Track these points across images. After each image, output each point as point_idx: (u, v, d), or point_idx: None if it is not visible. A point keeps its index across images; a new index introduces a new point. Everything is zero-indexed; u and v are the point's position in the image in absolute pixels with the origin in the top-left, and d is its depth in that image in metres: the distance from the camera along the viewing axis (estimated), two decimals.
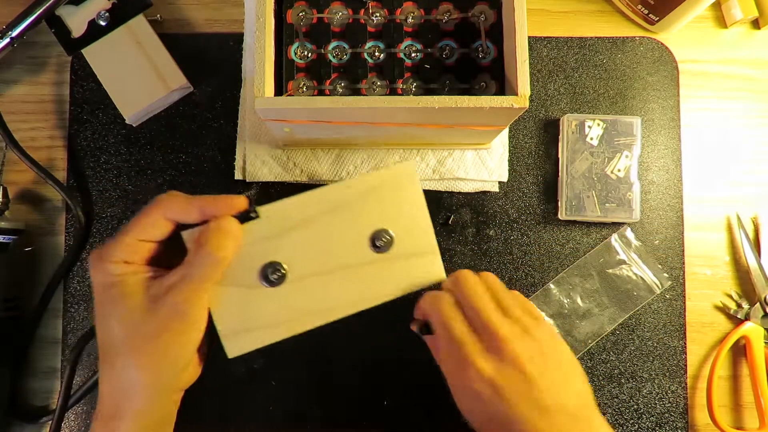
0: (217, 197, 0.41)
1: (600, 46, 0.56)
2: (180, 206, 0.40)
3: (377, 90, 0.45)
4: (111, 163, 0.54)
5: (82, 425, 0.51)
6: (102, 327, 0.40)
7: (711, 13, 0.57)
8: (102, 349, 0.40)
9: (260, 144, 0.53)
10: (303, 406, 0.52)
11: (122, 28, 0.51)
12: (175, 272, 0.39)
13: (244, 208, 0.41)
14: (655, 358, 0.53)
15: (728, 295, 0.55)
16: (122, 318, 0.38)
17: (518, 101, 0.40)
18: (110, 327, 0.39)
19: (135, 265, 0.40)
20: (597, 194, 0.53)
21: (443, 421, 0.52)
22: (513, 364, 0.38)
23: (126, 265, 0.39)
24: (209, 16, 0.56)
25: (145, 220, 0.40)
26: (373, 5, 0.45)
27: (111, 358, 0.39)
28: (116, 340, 0.39)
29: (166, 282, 0.39)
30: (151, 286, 0.39)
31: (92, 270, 0.40)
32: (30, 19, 0.50)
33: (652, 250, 0.54)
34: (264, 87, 0.40)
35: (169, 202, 0.40)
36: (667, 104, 0.55)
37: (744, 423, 0.54)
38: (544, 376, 0.39)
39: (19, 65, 0.54)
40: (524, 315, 0.40)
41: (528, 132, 0.55)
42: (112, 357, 0.39)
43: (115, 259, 0.39)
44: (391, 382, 0.52)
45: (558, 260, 0.54)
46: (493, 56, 0.45)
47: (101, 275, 0.39)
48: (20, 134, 0.52)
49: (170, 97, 0.53)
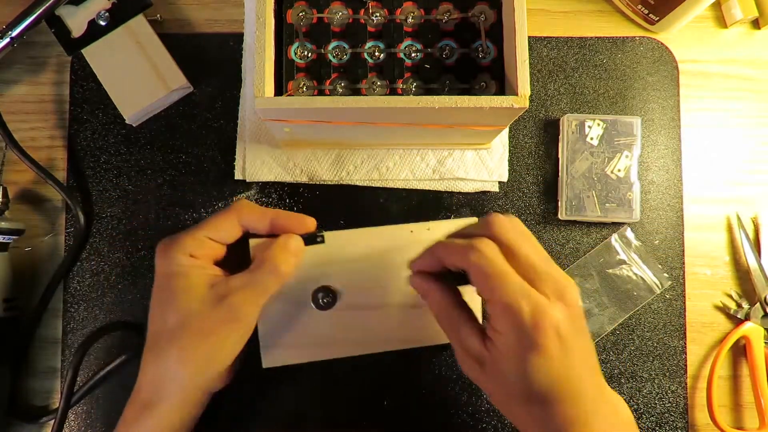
0: (291, 214, 0.43)
1: (600, 46, 0.56)
2: (255, 215, 0.42)
3: (377, 90, 0.45)
4: (111, 163, 0.54)
5: (82, 425, 0.51)
6: (156, 314, 0.41)
7: (711, 13, 0.57)
8: (151, 337, 0.41)
9: (260, 144, 0.53)
10: (303, 406, 0.52)
11: (122, 28, 0.51)
12: (238, 276, 0.40)
13: (312, 229, 0.43)
14: (655, 358, 0.53)
15: (728, 295, 0.55)
16: (180, 309, 0.39)
17: (518, 101, 0.40)
18: (165, 316, 0.39)
19: (201, 260, 0.41)
20: (597, 194, 0.53)
21: (443, 421, 0.52)
22: (577, 314, 0.36)
23: (193, 259, 0.40)
24: (209, 16, 0.56)
25: (220, 222, 0.41)
26: (373, 5, 0.45)
27: (158, 347, 0.40)
28: (168, 331, 0.39)
29: (230, 284, 0.40)
30: (214, 284, 0.40)
31: (159, 257, 0.41)
32: (30, 19, 0.50)
33: (652, 250, 0.54)
34: (264, 87, 0.40)
35: (245, 209, 0.42)
36: (667, 104, 0.55)
37: (744, 423, 0.54)
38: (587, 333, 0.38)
39: (19, 65, 0.54)
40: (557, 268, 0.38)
41: (528, 132, 0.55)
42: (159, 346, 0.40)
43: (184, 251, 0.40)
44: (391, 382, 0.52)
45: (558, 260, 0.54)
46: (493, 56, 0.45)
47: (167, 263, 0.40)
48: (20, 134, 0.52)
49: (170, 97, 0.53)
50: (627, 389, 0.53)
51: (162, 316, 0.40)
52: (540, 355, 0.35)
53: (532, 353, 0.35)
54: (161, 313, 0.40)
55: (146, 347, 0.41)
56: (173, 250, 0.40)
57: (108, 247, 0.53)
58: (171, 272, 0.40)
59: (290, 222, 0.42)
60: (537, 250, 0.38)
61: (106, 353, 0.52)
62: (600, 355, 0.53)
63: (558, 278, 0.36)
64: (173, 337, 0.39)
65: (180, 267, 0.40)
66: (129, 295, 0.52)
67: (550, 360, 0.35)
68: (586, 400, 0.36)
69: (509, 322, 0.35)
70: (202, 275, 0.40)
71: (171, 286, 0.39)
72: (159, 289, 0.41)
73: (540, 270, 0.36)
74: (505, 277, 0.35)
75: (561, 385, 0.35)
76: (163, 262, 0.40)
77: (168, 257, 0.40)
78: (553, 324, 0.35)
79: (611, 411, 0.38)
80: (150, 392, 0.40)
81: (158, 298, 0.41)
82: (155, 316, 0.41)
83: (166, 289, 0.40)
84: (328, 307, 0.46)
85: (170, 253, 0.40)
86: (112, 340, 0.52)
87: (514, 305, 0.35)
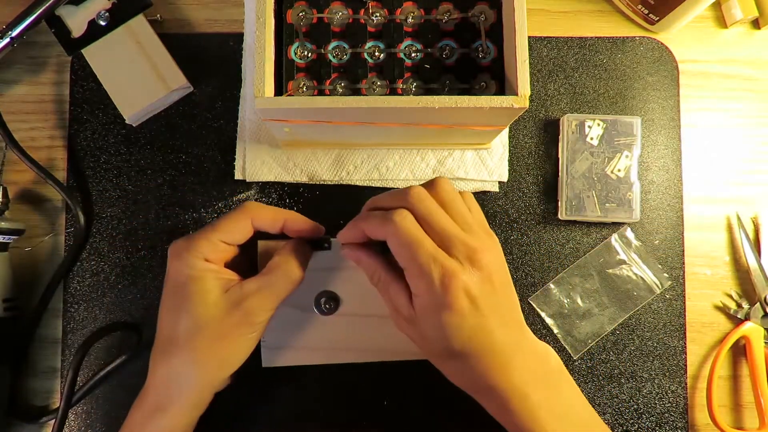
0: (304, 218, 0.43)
1: (600, 46, 0.56)
2: (269, 216, 0.42)
3: (377, 90, 0.45)
4: (111, 163, 0.54)
5: (82, 425, 0.51)
6: (168, 318, 0.40)
7: (711, 13, 0.57)
8: (161, 339, 0.41)
9: (260, 144, 0.53)
10: (303, 405, 0.52)
11: (122, 28, 0.51)
12: (252, 281, 0.40)
13: (321, 234, 0.44)
14: (655, 358, 0.53)
15: (728, 295, 0.55)
16: (194, 313, 0.39)
17: (518, 101, 0.40)
18: (178, 319, 0.39)
19: (215, 264, 0.41)
20: (597, 194, 0.53)
21: (443, 421, 0.52)
22: (488, 275, 0.38)
23: (207, 263, 0.40)
24: (209, 16, 0.56)
25: (233, 223, 0.41)
26: (373, 5, 0.45)
27: (170, 351, 0.40)
28: (181, 334, 0.39)
29: (245, 289, 0.40)
30: (228, 289, 0.40)
31: (172, 260, 0.41)
32: (30, 19, 0.50)
33: (652, 250, 0.54)
34: (264, 87, 0.40)
35: (258, 210, 0.42)
36: (667, 104, 0.55)
37: (744, 423, 0.54)
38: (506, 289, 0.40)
39: (19, 65, 0.54)
40: (480, 230, 0.40)
41: (528, 132, 0.55)
42: (171, 350, 0.40)
43: (199, 254, 0.40)
44: (391, 382, 0.52)
45: (558, 260, 0.54)
46: (493, 56, 0.45)
47: (181, 267, 0.40)
48: (20, 134, 0.52)
49: (170, 97, 0.53)
50: (627, 389, 0.53)
51: (175, 320, 0.40)
52: (452, 314, 0.37)
53: (445, 313, 0.37)
54: (174, 316, 0.40)
55: (156, 350, 0.41)
56: (187, 253, 0.40)
57: (108, 247, 0.53)
58: (185, 276, 0.39)
59: (303, 226, 0.43)
60: (458, 213, 0.39)
61: (106, 353, 0.52)
62: (600, 355, 0.53)
63: (469, 242, 0.38)
64: (187, 341, 0.39)
65: (194, 271, 0.39)
66: (129, 295, 0.52)
67: (462, 318, 0.37)
68: (504, 351, 0.38)
69: (423, 286, 0.37)
70: (217, 279, 0.40)
71: (185, 290, 0.39)
72: (171, 293, 0.40)
73: (451, 235, 0.38)
74: (418, 245, 0.37)
75: (475, 340, 0.38)
76: (177, 265, 0.40)
77: (181, 260, 0.40)
78: (461, 286, 0.37)
79: (534, 359, 0.40)
80: (161, 395, 0.40)
81: (170, 301, 0.40)
82: (167, 319, 0.40)
83: (180, 293, 0.40)
84: (331, 313, 0.47)
85: (184, 256, 0.40)
86: (112, 340, 0.52)
87: (426, 270, 0.37)
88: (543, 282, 0.54)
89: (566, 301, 0.53)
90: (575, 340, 0.53)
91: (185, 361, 0.39)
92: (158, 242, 0.53)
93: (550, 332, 0.53)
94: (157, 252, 0.53)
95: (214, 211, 0.53)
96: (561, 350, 0.53)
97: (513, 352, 0.39)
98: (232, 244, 0.42)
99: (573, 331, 0.53)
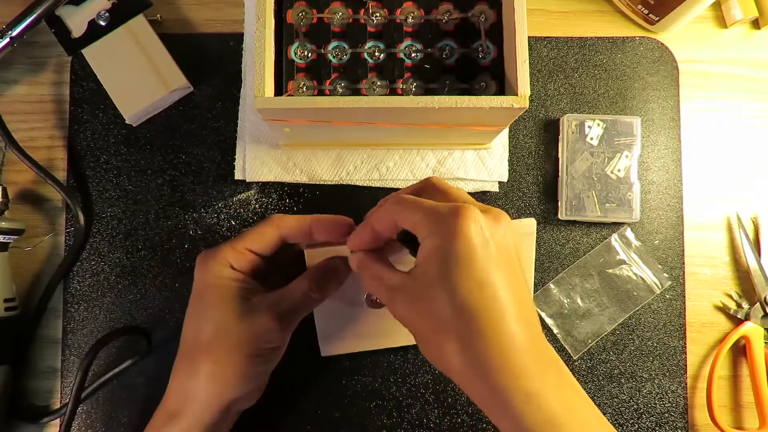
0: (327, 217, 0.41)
1: (600, 46, 0.56)
2: (294, 224, 0.41)
3: (377, 90, 0.45)
4: (111, 163, 0.54)
5: (82, 425, 0.51)
6: (192, 324, 0.41)
7: (711, 13, 0.57)
8: (184, 346, 0.41)
9: (260, 144, 0.53)
10: (303, 405, 0.52)
11: (122, 28, 0.51)
12: (278, 293, 0.40)
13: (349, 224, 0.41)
14: (655, 358, 0.53)
15: (728, 295, 0.55)
16: (215, 321, 0.39)
17: (518, 101, 0.40)
18: (200, 327, 0.39)
19: (240, 273, 0.40)
20: (597, 194, 0.53)
21: (443, 421, 0.52)
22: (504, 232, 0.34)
23: (232, 271, 0.40)
24: (209, 16, 0.56)
25: (260, 233, 0.41)
26: (373, 5, 0.45)
27: (190, 359, 0.40)
28: (201, 342, 0.39)
29: (269, 299, 0.39)
30: (253, 298, 0.39)
31: (198, 268, 0.41)
32: (30, 19, 0.50)
33: (652, 250, 0.54)
34: (264, 87, 0.40)
35: (282, 220, 0.42)
36: (667, 104, 0.55)
37: (744, 423, 0.54)
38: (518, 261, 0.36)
39: (19, 65, 0.54)
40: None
41: (528, 132, 0.55)
42: (191, 357, 0.40)
43: (225, 262, 0.40)
44: (391, 382, 0.52)
45: (558, 260, 0.54)
46: (493, 56, 0.45)
47: (206, 275, 0.40)
48: (20, 134, 0.52)
49: (170, 97, 0.53)
50: (627, 389, 0.53)
51: (197, 327, 0.40)
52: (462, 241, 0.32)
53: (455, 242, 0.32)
54: (196, 323, 0.40)
55: (179, 356, 0.41)
56: (213, 261, 0.40)
57: (108, 247, 0.53)
58: (209, 283, 0.39)
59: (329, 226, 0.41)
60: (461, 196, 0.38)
61: (109, 354, 0.52)
62: (600, 355, 0.53)
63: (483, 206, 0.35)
64: (207, 350, 0.39)
65: (218, 279, 0.39)
66: (129, 296, 0.52)
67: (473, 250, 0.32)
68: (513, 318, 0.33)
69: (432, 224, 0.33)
70: (240, 288, 0.40)
71: (207, 297, 0.39)
72: (195, 300, 0.40)
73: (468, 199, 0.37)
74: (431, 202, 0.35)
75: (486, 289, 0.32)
76: (202, 273, 0.40)
77: (207, 268, 0.40)
78: (473, 216, 0.33)
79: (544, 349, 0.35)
80: (177, 402, 0.40)
81: (194, 308, 0.41)
82: (190, 326, 0.41)
83: (203, 300, 0.40)
84: (381, 306, 0.48)
85: (210, 264, 0.40)
86: (117, 341, 0.52)
87: (437, 208, 0.34)
88: (543, 282, 0.54)
89: (566, 301, 0.53)
90: (575, 340, 0.53)
91: (203, 371, 0.39)
92: (158, 242, 0.53)
93: (550, 332, 0.53)
94: (157, 252, 0.53)
95: (214, 211, 0.53)
96: (561, 350, 0.53)
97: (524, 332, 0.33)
98: (259, 254, 0.41)
99: (573, 331, 0.53)
